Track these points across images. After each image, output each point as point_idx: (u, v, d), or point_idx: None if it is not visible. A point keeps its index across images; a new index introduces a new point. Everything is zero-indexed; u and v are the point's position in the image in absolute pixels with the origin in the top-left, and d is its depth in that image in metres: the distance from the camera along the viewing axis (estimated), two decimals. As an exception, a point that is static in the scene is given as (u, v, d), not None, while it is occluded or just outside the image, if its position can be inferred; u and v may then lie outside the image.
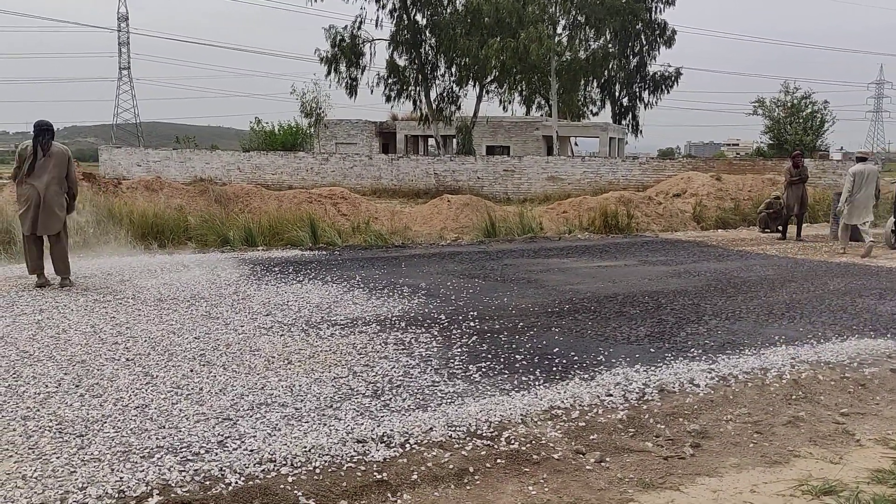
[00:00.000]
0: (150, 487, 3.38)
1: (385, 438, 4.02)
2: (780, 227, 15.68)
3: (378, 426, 4.18)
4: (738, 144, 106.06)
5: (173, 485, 3.42)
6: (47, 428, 4.07)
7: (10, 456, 3.70)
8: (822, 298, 8.23)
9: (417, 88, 36.22)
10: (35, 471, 3.53)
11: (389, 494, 3.45)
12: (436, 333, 6.35)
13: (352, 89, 35.85)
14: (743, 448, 4.10)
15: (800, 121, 40.40)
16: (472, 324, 6.73)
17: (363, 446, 3.91)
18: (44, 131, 8.07)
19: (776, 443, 4.18)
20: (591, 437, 4.16)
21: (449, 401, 4.66)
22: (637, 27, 36.98)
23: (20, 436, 3.95)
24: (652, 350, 5.96)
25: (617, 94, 40.30)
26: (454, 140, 40.79)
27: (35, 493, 3.31)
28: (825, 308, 7.71)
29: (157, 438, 3.95)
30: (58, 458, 3.68)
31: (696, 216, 18.41)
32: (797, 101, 40.59)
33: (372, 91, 38.02)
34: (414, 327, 6.55)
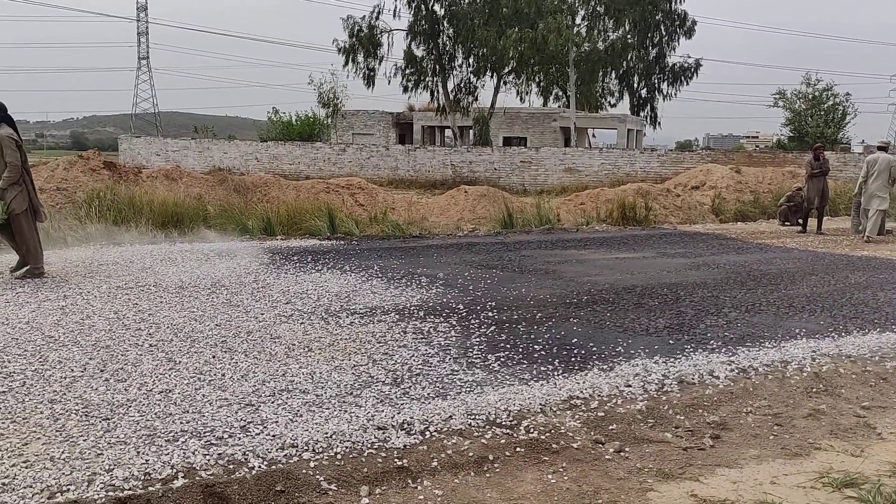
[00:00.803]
0: (175, 470, 3.44)
1: (405, 426, 4.05)
2: (800, 220, 15.56)
3: (398, 413, 4.22)
4: (757, 137, 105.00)
5: (198, 468, 3.47)
6: (74, 411, 4.13)
7: (39, 438, 3.76)
8: (844, 292, 8.17)
9: (435, 79, 36.18)
10: (63, 452, 3.59)
11: (410, 481, 3.48)
12: (454, 323, 6.37)
13: (369, 80, 35.88)
14: (763, 440, 4.10)
15: (821, 113, 39.96)
16: (490, 314, 6.75)
17: (383, 433, 3.94)
18: None
19: (797, 435, 4.17)
20: (611, 427, 4.17)
21: (468, 389, 4.68)
22: (657, 17, 36.62)
23: (48, 418, 4.02)
24: (671, 342, 5.95)
25: (635, 85, 39.98)
26: (471, 131, 40.73)
27: (63, 473, 3.37)
28: (846, 301, 7.65)
29: (181, 423, 4.00)
30: (84, 440, 3.74)
31: (715, 209, 18.29)
32: (818, 93, 40.14)
33: (389, 82, 38.21)
34: (432, 317, 6.58)
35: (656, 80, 39.35)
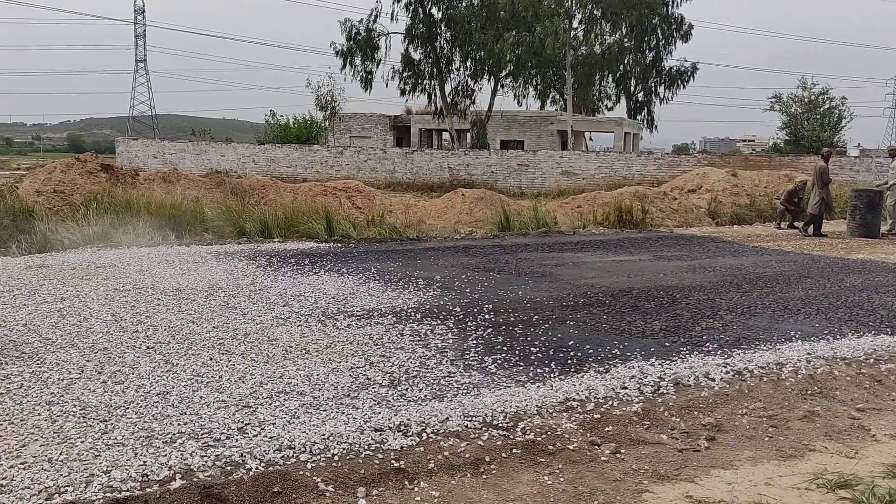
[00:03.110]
0: (172, 472, 3.45)
1: (402, 427, 4.07)
2: (796, 224, 15.62)
3: (395, 415, 4.23)
4: (753, 140, 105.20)
5: (195, 469, 3.48)
6: (71, 413, 4.14)
7: (36, 440, 3.77)
8: (839, 294, 8.20)
9: (432, 82, 36.19)
10: (60, 454, 3.60)
11: (407, 482, 3.50)
12: (451, 325, 6.39)
13: (367, 83, 35.88)
14: (758, 441, 4.12)
15: (817, 117, 40.06)
16: (487, 316, 6.77)
17: (380, 435, 3.96)
18: None
19: (791, 437, 4.19)
20: (607, 428, 4.19)
21: (465, 391, 4.70)
22: (654, 21, 36.65)
23: (45, 420, 4.03)
24: (667, 344, 5.98)
25: (632, 88, 39.99)
26: (468, 134, 40.73)
27: (61, 475, 3.38)
28: (842, 304, 7.69)
29: (178, 424, 4.02)
30: (82, 442, 3.75)
31: (712, 212, 18.33)
32: (815, 96, 40.25)
33: (387, 85, 38.02)
34: (429, 319, 6.60)
35: (653, 84, 39.37)
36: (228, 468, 3.52)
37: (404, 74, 36.00)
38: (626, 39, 35.73)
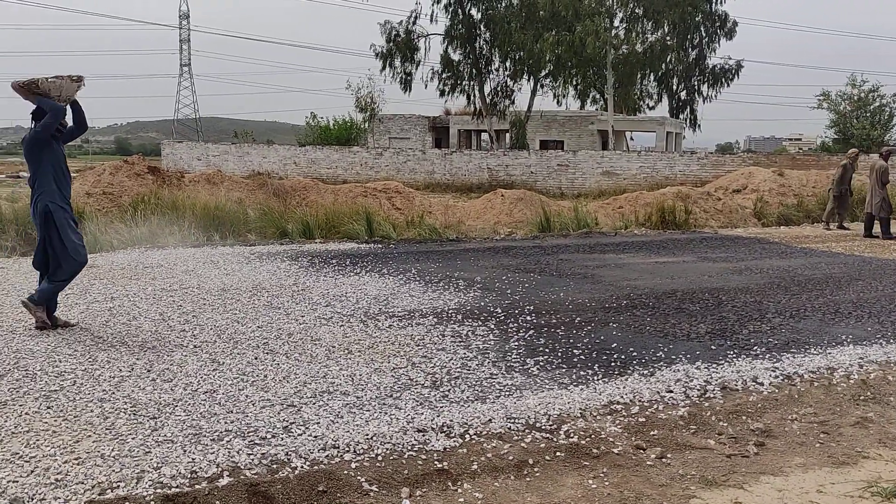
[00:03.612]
0: (220, 469, 3.50)
1: (445, 428, 4.07)
2: (845, 225, 15.28)
3: (438, 416, 4.24)
4: (800, 139, 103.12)
5: (242, 467, 3.53)
6: (122, 410, 4.24)
7: (89, 436, 3.86)
8: (892, 297, 7.98)
9: (471, 83, 36.23)
10: (112, 450, 3.68)
11: (450, 483, 3.50)
12: (492, 327, 6.38)
13: (406, 84, 36.09)
14: (809, 448, 4.03)
15: (867, 114, 39.10)
16: (528, 318, 6.74)
17: (423, 435, 3.97)
18: None
19: (844, 443, 4.09)
20: (652, 433, 4.14)
21: (507, 393, 4.69)
22: (697, 19, 36.18)
23: (97, 416, 4.13)
24: (713, 347, 5.88)
25: (675, 87, 39.54)
26: (507, 135, 40.66)
27: (113, 470, 3.46)
28: (895, 307, 7.48)
29: (225, 422, 4.08)
30: (133, 438, 3.83)
31: (757, 212, 17.99)
32: (864, 94, 39.29)
33: (426, 86, 38.31)
34: (470, 320, 6.59)
35: (696, 82, 38.88)
36: (274, 466, 3.56)
37: (443, 75, 36.11)
38: (668, 37, 35.33)
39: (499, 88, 36.40)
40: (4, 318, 6.33)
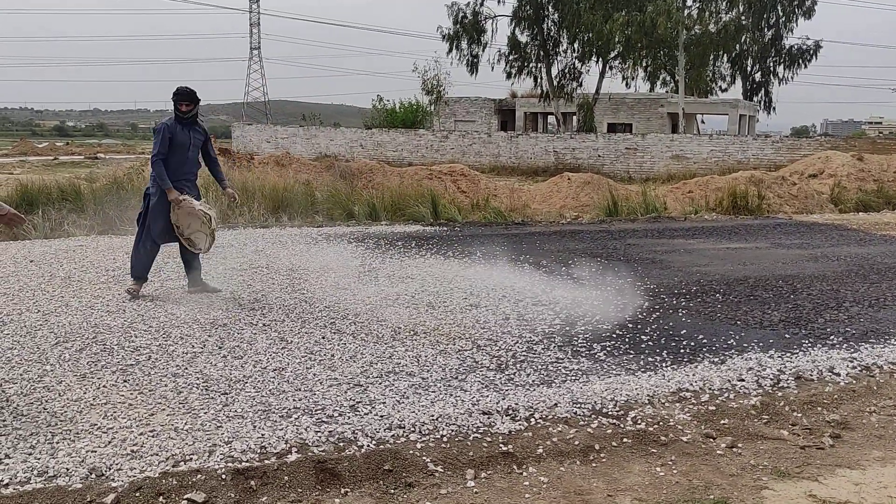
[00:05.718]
0: (288, 445, 3.57)
1: (510, 412, 4.06)
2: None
3: (503, 399, 4.23)
4: (881, 122, 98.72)
5: (310, 444, 3.60)
6: (195, 385, 4.36)
7: (164, 409, 4.00)
8: (981, 288, 7.57)
9: (538, 65, 35.77)
10: (185, 424, 3.80)
11: (515, 466, 3.49)
12: (558, 311, 6.32)
13: (473, 66, 35.84)
14: (888, 441, 3.87)
15: (956, 96, 37.06)
16: (595, 303, 6.65)
17: (489, 418, 3.96)
18: None
19: (927, 439, 3.91)
20: (722, 421, 4.04)
21: (573, 378, 4.64)
22: (773, -3, 34.82)
23: (171, 391, 4.26)
24: (787, 336, 5.69)
25: (749, 69, 38.18)
26: (574, 117, 40.08)
27: (186, 444, 3.57)
28: (984, 298, 7.10)
29: (293, 400, 4.16)
30: (205, 413, 3.95)
31: (834, 198, 17.29)
32: (954, 74, 37.22)
33: (493, 68, 38.03)
34: (535, 304, 6.54)
35: (771, 64, 37.44)
36: (341, 444, 3.61)
37: (510, 57, 35.75)
38: (743, 17, 34.09)
39: (566, 70, 35.83)
40: (83, 295, 6.58)
